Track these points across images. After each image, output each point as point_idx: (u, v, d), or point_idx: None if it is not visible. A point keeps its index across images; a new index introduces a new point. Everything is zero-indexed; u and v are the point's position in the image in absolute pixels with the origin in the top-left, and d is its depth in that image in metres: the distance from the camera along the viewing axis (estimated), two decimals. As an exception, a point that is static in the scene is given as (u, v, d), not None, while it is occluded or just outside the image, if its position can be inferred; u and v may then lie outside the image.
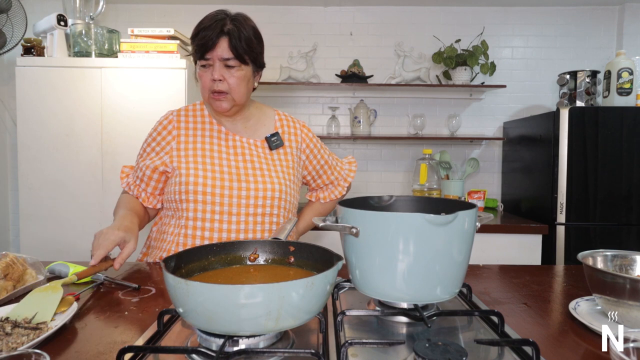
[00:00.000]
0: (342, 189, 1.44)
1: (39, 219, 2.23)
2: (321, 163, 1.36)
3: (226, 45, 1.11)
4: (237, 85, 1.14)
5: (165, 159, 1.21)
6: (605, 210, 2.21)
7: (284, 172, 1.23)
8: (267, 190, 1.18)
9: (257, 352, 0.62)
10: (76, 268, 1.07)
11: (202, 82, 1.16)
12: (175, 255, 0.74)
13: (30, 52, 2.34)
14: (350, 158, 1.48)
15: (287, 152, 1.27)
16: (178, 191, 1.16)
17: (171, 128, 1.23)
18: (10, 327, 0.69)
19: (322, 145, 1.38)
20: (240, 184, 1.16)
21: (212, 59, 1.12)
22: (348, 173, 1.44)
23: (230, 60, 1.12)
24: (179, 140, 1.21)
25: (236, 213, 1.16)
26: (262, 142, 1.26)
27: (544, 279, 1.09)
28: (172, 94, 2.23)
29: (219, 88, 1.13)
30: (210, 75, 1.13)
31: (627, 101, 2.28)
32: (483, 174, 2.94)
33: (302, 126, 1.33)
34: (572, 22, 2.87)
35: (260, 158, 1.23)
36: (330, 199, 1.45)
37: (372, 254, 0.74)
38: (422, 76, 2.75)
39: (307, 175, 1.36)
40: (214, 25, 1.11)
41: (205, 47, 1.11)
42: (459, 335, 0.73)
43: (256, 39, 1.17)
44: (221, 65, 1.12)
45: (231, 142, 1.23)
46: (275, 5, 2.80)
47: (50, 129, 2.22)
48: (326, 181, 1.41)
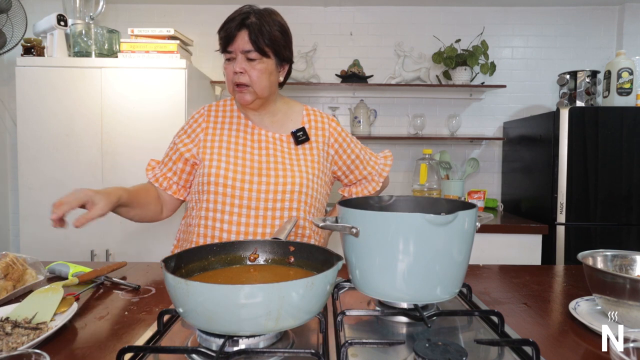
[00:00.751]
0: (376, 184, 1.39)
1: (39, 219, 2.23)
2: (352, 158, 1.32)
3: (246, 38, 1.12)
4: (258, 78, 1.15)
5: (194, 151, 1.23)
6: (605, 210, 2.21)
7: (307, 166, 1.22)
8: (287, 184, 1.17)
9: (257, 352, 0.62)
10: (76, 268, 1.07)
11: (226, 75, 1.18)
12: (175, 255, 0.74)
13: (30, 52, 2.34)
14: (386, 152, 1.44)
15: (312, 147, 1.26)
16: (201, 182, 1.18)
17: (201, 121, 1.26)
18: (10, 327, 0.69)
19: (353, 139, 1.34)
20: (260, 177, 1.17)
21: (234, 51, 1.13)
22: (383, 168, 1.39)
23: (251, 52, 1.12)
24: (207, 132, 1.24)
25: (255, 207, 1.15)
26: (287, 137, 1.25)
27: (544, 279, 1.09)
28: (172, 94, 2.23)
29: (240, 80, 1.14)
30: (232, 67, 1.15)
31: (627, 101, 2.28)
32: (483, 174, 2.94)
33: (330, 120, 1.31)
34: (572, 22, 2.87)
35: (284, 153, 1.22)
36: (364, 195, 1.40)
37: (372, 254, 0.74)
38: (422, 76, 2.75)
39: (338, 170, 1.33)
40: (237, 18, 1.13)
41: (227, 39, 1.13)
42: (459, 335, 0.73)
43: (281, 32, 1.17)
44: (243, 58, 1.13)
45: (256, 136, 1.24)
46: (275, 5, 2.77)
47: (50, 129, 2.22)
48: (359, 176, 1.37)
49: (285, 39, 1.19)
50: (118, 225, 2.25)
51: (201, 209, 1.18)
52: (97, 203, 0.98)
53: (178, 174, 1.26)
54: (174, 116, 2.23)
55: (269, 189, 1.16)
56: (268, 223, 1.16)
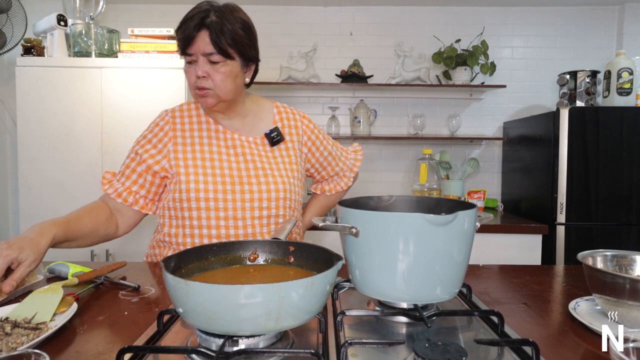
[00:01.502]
0: (348, 180, 1.38)
1: (39, 219, 2.21)
2: (324, 154, 1.30)
3: (207, 39, 1.02)
4: (222, 82, 1.06)
5: (163, 163, 1.14)
6: (605, 210, 2.21)
7: (287, 169, 1.18)
8: (272, 191, 1.13)
9: (257, 352, 0.62)
10: (76, 268, 1.07)
11: (187, 79, 1.10)
12: (175, 255, 0.74)
13: (30, 52, 2.34)
14: (356, 146, 1.42)
15: (288, 147, 1.22)
16: (179, 198, 1.11)
17: (168, 129, 1.18)
18: (10, 327, 0.69)
19: (325, 135, 1.32)
20: (243, 186, 1.12)
21: (195, 54, 1.04)
22: (354, 163, 1.38)
23: (213, 55, 1.03)
24: (176, 142, 1.15)
25: (242, 217, 1.11)
26: (261, 139, 1.20)
27: (544, 279, 1.09)
28: (172, 94, 2.23)
29: (202, 85, 1.06)
30: (194, 71, 1.06)
31: (627, 101, 2.28)
32: (483, 174, 2.94)
33: (302, 117, 1.27)
34: (572, 22, 2.87)
35: (262, 157, 1.18)
36: (337, 191, 1.40)
37: (372, 254, 0.74)
38: (422, 76, 2.75)
39: (311, 167, 1.31)
40: (195, 16, 1.03)
41: (185, 41, 1.04)
42: (458, 335, 0.73)
43: (244, 30, 1.07)
44: (205, 60, 1.04)
45: (230, 141, 1.18)
46: (275, 5, 2.80)
47: (50, 129, 2.22)
48: (331, 172, 1.35)
49: (249, 37, 1.09)
50: (118, 225, 2.24)
51: (184, 227, 1.12)
52: (23, 260, 0.88)
53: (147, 187, 1.16)
54: (174, 116, 2.22)
55: (253, 197, 1.12)
56: (257, 232, 1.13)
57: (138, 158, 1.16)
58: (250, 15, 1.16)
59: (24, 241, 0.90)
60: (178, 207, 1.12)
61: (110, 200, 1.18)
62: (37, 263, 0.92)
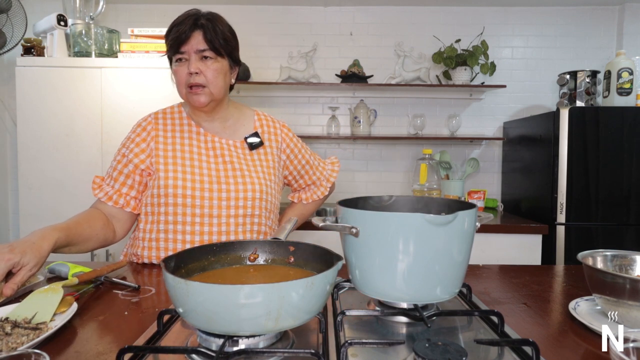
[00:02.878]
0: (324, 190, 1.43)
1: (39, 219, 2.23)
2: (302, 163, 1.35)
3: (201, 38, 1.10)
4: (215, 77, 1.12)
5: (147, 161, 1.17)
6: (605, 210, 2.21)
7: (264, 172, 1.22)
8: (248, 191, 1.16)
9: (257, 352, 0.62)
10: (76, 268, 1.07)
11: (177, 77, 1.15)
12: (175, 255, 0.74)
13: (30, 52, 2.34)
14: (333, 159, 1.47)
15: (267, 152, 1.26)
16: (157, 194, 1.14)
17: (150, 129, 1.21)
18: (10, 327, 0.69)
19: (303, 145, 1.37)
20: (220, 185, 1.15)
21: (188, 52, 1.11)
22: (330, 173, 1.43)
23: (206, 51, 1.10)
24: (157, 141, 1.19)
25: (217, 215, 1.14)
26: (241, 143, 1.24)
27: (544, 279, 1.09)
28: (172, 94, 2.20)
29: (195, 81, 1.11)
30: (186, 69, 1.11)
31: (627, 101, 2.28)
32: (483, 174, 2.94)
33: (282, 126, 1.32)
34: (572, 22, 2.87)
35: (240, 159, 1.21)
36: (313, 200, 1.43)
37: (372, 254, 0.74)
38: (422, 76, 2.75)
39: (289, 175, 1.35)
40: (187, 20, 1.11)
41: (179, 40, 1.10)
42: (459, 335, 0.73)
43: (231, 34, 1.17)
44: (197, 58, 1.11)
45: (210, 143, 1.21)
46: (275, 5, 2.80)
47: (50, 129, 2.22)
48: (308, 181, 1.40)
49: (235, 42, 1.19)
50: (118, 225, 2.25)
51: (159, 222, 1.14)
52: (25, 264, 0.89)
53: (136, 187, 1.19)
54: (174, 116, 2.23)
55: (229, 196, 1.15)
56: (231, 230, 1.15)
57: (125, 160, 1.19)
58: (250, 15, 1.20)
59: (26, 245, 0.91)
60: (155, 202, 1.15)
61: (103, 206, 1.19)
62: (39, 267, 0.93)
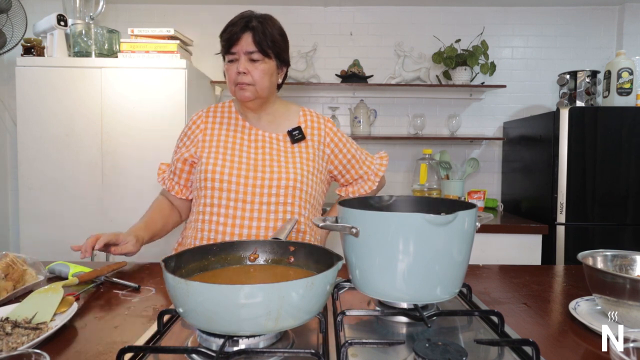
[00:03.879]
0: (372, 184, 1.43)
1: (39, 219, 2.23)
2: (347, 157, 1.36)
3: (250, 40, 1.17)
4: (261, 78, 1.20)
5: (192, 151, 1.28)
6: (605, 210, 2.21)
7: (302, 163, 1.25)
8: (282, 179, 1.20)
9: (257, 352, 0.62)
10: (76, 268, 1.07)
11: (228, 75, 1.22)
12: (175, 255, 0.74)
13: (30, 52, 2.34)
14: (382, 153, 1.48)
15: (308, 145, 1.29)
16: (198, 179, 1.23)
17: (200, 122, 1.30)
18: (10, 327, 0.69)
19: (349, 140, 1.39)
20: (256, 173, 1.20)
21: (238, 52, 1.18)
22: (379, 167, 1.43)
23: (254, 53, 1.17)
24: (205, 133, 1.28)
25: (250, 201, 1.18)
26: (284, 136, 1.28)
27: (544, 279, 1.09)
28: (172, 94, 2.23)
29: (243, 80, 1.18)
30: (235, 68, 1.19)
31: (627, 101, 2.28)
32: (483, 174, 2.94)
33: (326, 121, 1.36)
34: (572, 22, 2.87)
35: (280, 151, 1.26)
36: (360, 194, 1.43)
37: (372, 254, 0.74)
38: (422, 76, 2.75)
39: (334, 169, 1.37)
40: (239, 22, 1.18)
41: (230, 41, 1.18)
42: (459, 335, 0.73)
43: (280, 36, 1.24)
44: (246, 59, 1.18)
45: (253, 136, 1.28)
46: (275, 5, 2.80)
47: (50, 129, 2.22)
48: (355, 176, 1.41)
49: (284, 43, 1.26)
50: (118, 226, 2.24)
51: (199, 205, 1.23)
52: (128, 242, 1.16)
53: (184, 177, 1.32)
54: (174, 116, 2.23)
55: (264, 184, 1.19)
56: (263, 217, 1.19)
57: (178, 152, 1.32)
58: None
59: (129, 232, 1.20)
60: (198, 186, 1.23)
61: (167, 194, 1.37)
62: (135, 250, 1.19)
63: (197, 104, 2.37)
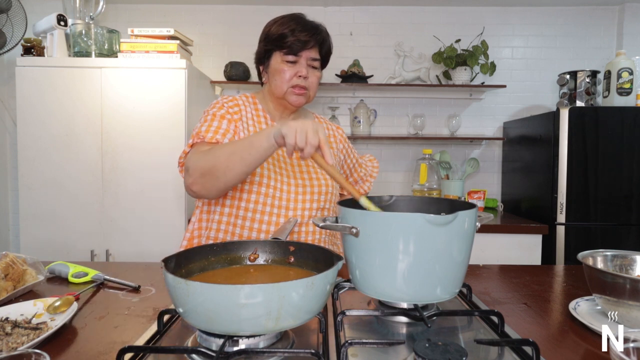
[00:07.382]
0: (369, 184, 1.52)
1: (39, 219, 2.23)
2: (353, 162, 1.45)
3: (317, 49, 1.22)
4: (315, 84, 1.25)
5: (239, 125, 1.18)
6: (605, 210, 2.21)
7: None
8: (322, 185, 1.23)
9: (257, 352, 0.62)
10: (76, 268, 1.07)
11: (283, 75, 1.20)
12: (175, 255, 0.74)
13: (30, 52, 2.34)
14: (369, 156, 1.57)
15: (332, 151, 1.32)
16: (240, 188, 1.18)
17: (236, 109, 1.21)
18: (10, 327, 0.69)
19: (351, 144, 1.47)
20: (296, 180, 1.22)
21: (303, 57, 1.20)
22: (372, 169, 1.53)
23: (316, 62, 1.22)
24: (242, 121, 1.21)
25: (293, 208, 1.19)
26: None
27: (544, 279, 1.09)
28: (172, 94, 2.23)
29: (302, 84, 1.21)
30: (294, 70, 1.20)
31: (627, 101, 2.28)
32: (483, 174, 2.94)
33: (337, 128, 1.44)
34: (572, 22, 2.87)
35: None
36: None
37: (372, 254, 0.74)
38: (422, 76, 2.75)
39: (343, 173, 1.44)
40: (311, 29, 1.20)
41: (300, 44, 1.18)
42: (459, 335, 0.73)
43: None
44: (307, 64, 1.21)
45: None
46: (275, 5, 2.79)
47: (50, 129, 2.22)
48: (357, 178, 1.49)
49: None
50: (118, 226, 2.25)
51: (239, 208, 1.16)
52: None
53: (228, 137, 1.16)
54: (174, 116, 2.23)
55: (305, 190, 1.21)
56: (304, 222, 1.20)
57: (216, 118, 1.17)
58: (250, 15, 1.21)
59: None
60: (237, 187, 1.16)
61: None
62: None
63: (197, 104, 2.37)
